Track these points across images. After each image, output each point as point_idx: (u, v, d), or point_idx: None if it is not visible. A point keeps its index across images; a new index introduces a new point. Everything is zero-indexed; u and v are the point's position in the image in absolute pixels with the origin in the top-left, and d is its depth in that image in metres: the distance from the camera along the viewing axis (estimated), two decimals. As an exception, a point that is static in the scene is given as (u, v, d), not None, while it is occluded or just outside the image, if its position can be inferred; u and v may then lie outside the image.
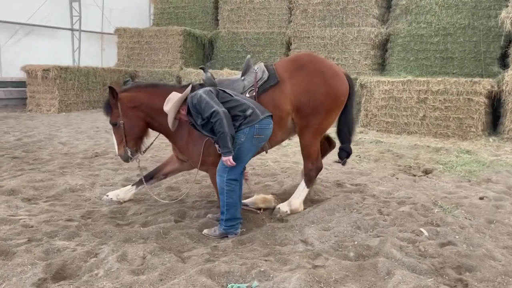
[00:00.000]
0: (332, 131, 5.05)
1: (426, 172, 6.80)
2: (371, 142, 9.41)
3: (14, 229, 3.87)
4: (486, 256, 3.54)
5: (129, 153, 4.40)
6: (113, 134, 4.50)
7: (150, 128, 4.54)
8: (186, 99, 3.90)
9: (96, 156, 7.28)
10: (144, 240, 3.78)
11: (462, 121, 10.00)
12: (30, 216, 4.24)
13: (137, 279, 3.02)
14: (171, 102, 3.91)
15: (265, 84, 4.37)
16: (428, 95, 10.30)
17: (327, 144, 5.13)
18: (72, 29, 16.89)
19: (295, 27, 14.03)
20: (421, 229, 4.10)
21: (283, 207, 4.57)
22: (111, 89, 4.30)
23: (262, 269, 3.18)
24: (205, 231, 3.99)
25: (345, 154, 4.88)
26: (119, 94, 4.36)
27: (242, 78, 4.46)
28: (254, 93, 4.33)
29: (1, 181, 5.47)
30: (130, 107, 4.34)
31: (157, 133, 4.61)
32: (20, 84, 14.29)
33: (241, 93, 4.33)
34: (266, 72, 4.41)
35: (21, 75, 14.03)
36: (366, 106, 11.11)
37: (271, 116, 4.02)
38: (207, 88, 3.86)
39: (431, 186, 5.94)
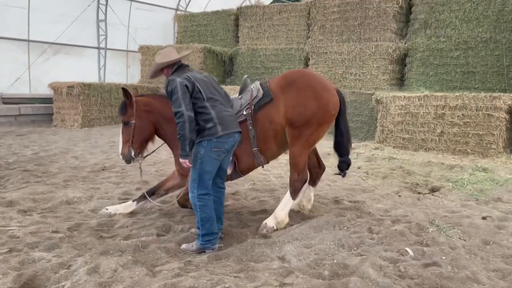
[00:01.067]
0: (323, 148, 4.96)
1: (433, 190, 6.55)
2: (383, 158, 9.17)
3: (0, 240, 3.98)
4: (470, 279, 3.35)
5: (132, 154, 4.63)
6: (121, 133, 4.73)
7: (157, 135, 4.82)
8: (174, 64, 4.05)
9: (103, 170, 7.44)
10: (121, 253, 3.80)
11: (481, 138, 9.60)
12: (20, 227, 4.36)
13: (100, 292, 3.03)
14: (163, 58, 4.06)
15: (260, 101, 4.55)
16: (446, 111, 9.97)
17: (318, 167, 5.10)
18: (98, 48, 17.53)
19: (313, 43, 14.01)
20: (407, 248, 3.93)
21: (269, 222, 4.51)
22: (124, 90, 4.62)
23: (227, 285, 3.13)
24: (183, 246, 3.98)
25: (345, 165, 4.90)
26: (137, 98, 4.71)
27: (239, 97, 4.65)
28: (250, 111, 4.49)
29: (4, 193, 5.66)
30: (145, 110, 4.64)
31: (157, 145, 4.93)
32: (47, 100, 14.89)
33: (239, 111, 4.48)
34: (261, 90, 4.58)
35: (48, 92, 14.62)
36: (382, 121, 10.86)
37: (238, 132, 4.06)
38: (185, 79, 3.81)
39: (434, 204, 5.71)
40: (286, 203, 4.61)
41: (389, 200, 5.83)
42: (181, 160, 3.83)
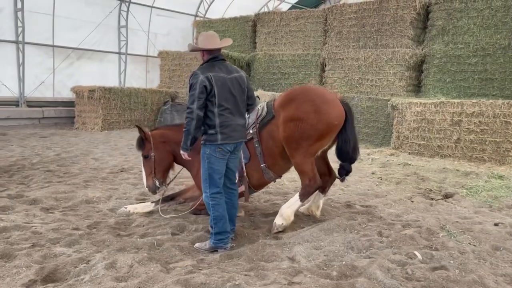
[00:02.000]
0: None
1: (446, 196, 6.55)
2: (398, 164, 9.18)
3: (24, 235, 4.19)
4: (477, 282, 3.39)
5: (157, 184, 4.99)
6: (143, 167, 5.08)
7: (175, 162, 5.17)
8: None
9: (122, 171, 7.67)
10: (137, 250, 3.96)
11: (499, 145, 9.51)
12: (42, 224, 4.57)
13: (116, 285, 3.20)
14: (204, 42, 4.10)
15: (264, 119, 4.81)
16: (462, 117, 9.92)
17: (328, 175, 5.19)
18: (119, 53, 17.97)
19: (329, 49, 14.10)
20: (415, 252, 3.99)
21: (277, 220, 4.61)
22: (139, 127, 5.06)
23: (237, 283, 3.25)
24: (197, 244, 4.12)
25: (344, 171, 4.92)
26: (153, 132, 5.16)
27: (248, 116, 4.80)
28: (255, 129, 4.78)
29: (28, 191, 5.92)
30: (161, 141, 5.05)
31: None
32: (70, 104, 15.35)
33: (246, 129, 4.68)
34: (265, 109, 4.85)
35: (71, 96, 15.06)
36: (398, 128, 10.86)
37: (240, 141, 4.22)
38: (207, 79, 3.90)
39: (446, 210, 5.72)
40: (293, 203, 4.70)
41: (401, 206, 5.87)
42: (181, 152, 4.10)
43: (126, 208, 5.21)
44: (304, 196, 4.70)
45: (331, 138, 4.75)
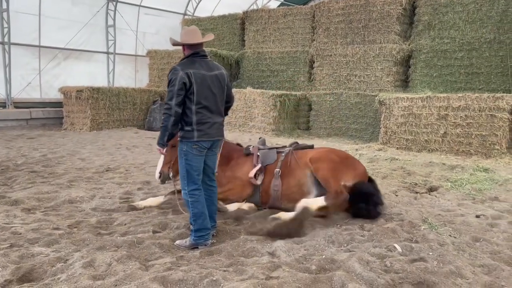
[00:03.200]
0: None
1: (431, 189, 6.58)
2: (386, 159, 9.20)
3: (2, 236, 4.15)
4: (454, 273, 3.42)
5: (170, 175, 4.88)
6: (164, 155, 4.65)
7: None
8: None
9: (107, 170, 7.62)
10: (117, 248, 3.93)
11: (485, 138, 9.58)
12: (22, 225, 4.53)
13: (93, 284, 3.17)
14: (185, 37, 4.09)
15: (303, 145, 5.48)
16: (448, 112, 9.98)
17: None
18: (107, 53, 17.84)
19: (318, 46, 14.12)
20: (395, 245, 4.01)
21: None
22: None
23: (214, 278, 3.24)
24: (177, 242, 4.10)
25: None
26: None
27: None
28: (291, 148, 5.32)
29: (11, 192, 5.86)
30: None
31: None
32: (58, 104, 15.21)
33: (282, 147, 5.43)
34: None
35: (59, 96, 14.93)
36: (386, 123, 10.90)
37: (217, 139, 4.22)
38: (186, 75, 3.87)
39: (430, 203, 5.75)
40: (319, 200, 4.71)
41: (386, 199, 5.84)
42: (157, 147, 4.11)
43: (139, 204, 5.27)
44: (329, 200, 4.70)
45: None
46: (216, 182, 4.50)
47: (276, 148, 5.42)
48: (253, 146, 5.35)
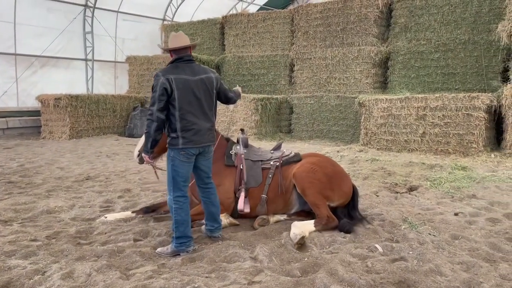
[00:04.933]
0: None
1: (411, 189, 6.68)
2: (366, 160, 9.31)
3: (-22, 249, 4.04)
4: (433, 271, 3.47)
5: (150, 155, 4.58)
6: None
7: None
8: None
9: (87, 179, 7.50)
10: (97, 258, 3.87)
11: (462, 137, 9.78)
12: (-1, 237, 4.41)
13: (72, 295, 3.11)
14: (171, 42, 4.08)
15: (290, 159, 5.07)
16: (427, 112, 10.16)
17: None
18: (86, 59, 17.61)
19: (297, 49, 14.21)
20: (376, 245, 4.05)
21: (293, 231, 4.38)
22: None
23: (196, 285, 3.22)
24: (159, 249, 4.06)
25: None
26: None
27: (272, 151, 5.19)
28: (278, 163, 4.96)
29: (-14, 204, 5.71)
30: None
31: None
32: (36, 113, 14.95)
33: (267, 160, 5.01)
34: (293, 152, 5.19)
35: (36, 105, 14.66)
36: (366, 124, 11.03)
37: (206, 144, 4.12)
38: (167, 81, 3.85)
39: (410, 203, 5.83)
40: (308, 224, 4.51)
41: (367, 200, 5.94)
42: (143, 154, 4.08)
43: (106, 217, 5.04)
44: (319, 225, 4.54)
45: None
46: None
47: (261, 161, 5.02)
48: (235, 152, 4.99)
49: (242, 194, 4.75)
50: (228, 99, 4.51)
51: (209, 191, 4.36)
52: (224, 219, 4.71)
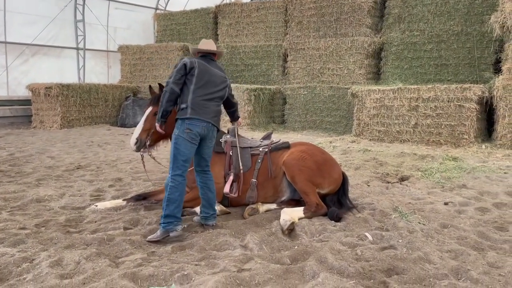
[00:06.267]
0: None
1: (402, 179, 6.71)
2: (359, 151, 9.33)
3: (-34, 237, 4.00)
4: (422, 259, 3.49)
5: (147, 143, 4.66)
6: (144, 122, 4.68)
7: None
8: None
9: (78, 168, 7.45)
10: (86, 246, 3.84)
11: (454, 128, 9.83)
12: (-13, 225, 4.37)
13: (60, 283, 3.09)
14: (200, 45, 4.50)
15: (278, 145, 5.15)
16: (419, 103, 10.18)
17: None
18: (77, 48, 17.40)
19: (291, 39, 14.14)
20: (366, 233, 4.07)
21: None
22: (160, 85, 4.61)
23: (185, 273, 3.21)
24: (149, 237, 4.05)
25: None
26: None
27: (261, 140, 5.31)
28: (267, 149, 5.04)
29: (-25, 193, 5.65)
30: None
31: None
32: (26, 102, 14.78)
33: (256, 146, 5.09)
34: (282, 140, 5.29)
35: (27, 94, 14.49)
36: (358, 115, 11.04)
37: (209, 122, 4.20)
38: (190, 61, 4.18)
39: (401, 192, 5.86)
40: (298, 210, 4.57)
41: (358, 190, 5.96)
42: (156, 124, 4.35)
43: (96, 206, 5.01)
44: (308, 212, 4.59)
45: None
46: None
47: (250, 147, 5.08)
48: (225, 140, 5.07)
49: (230, 178, 4.81)
50: (232, 105, 4.81)
51: (206, 177, 4.44)
52: (216, 207, 4.71)
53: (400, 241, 3.87)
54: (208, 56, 4.44)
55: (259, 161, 4.95)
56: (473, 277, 3.19)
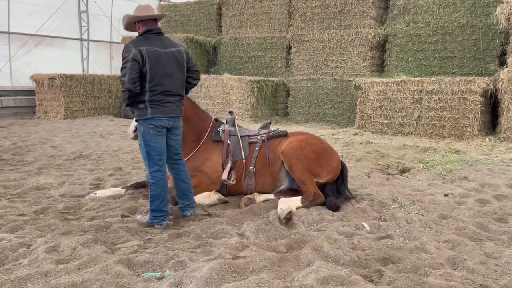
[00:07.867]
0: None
1: (403, 171, 6.67)
2: (361, 143, 9.29)
3: (-36, 223, 4.02)
4: (418, 249, 3.47)
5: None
6: None
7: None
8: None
9: (79, 157, 7.47)
10: (83, 233, 3.86)
11: (457, 121, 9.75)
12: (-14, 212, 4.39)
13: (55, 268, 3.10)
14: (138, 13, 4.05)
15: (276, 133, 5.13)
16: (422, 95, 10.10)
17: None
18: (81, 39, 17.42)
19: (294, 31, 14.03)
20: (364, 223, 4.04)
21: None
22: None
23: (180, 259, 3.21)
24: (138, 216, 4.14)
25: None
26: None
27: (259, 129, 5.28)
28: (264, 138, 5.03)
29: (-24, 180, 5.68)
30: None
31: None
32: (30, 92, 14.81)
33: (254, 135, 5.07)
34: (280, 129, 5.27)
35: (31, 84, 14.53)
36: (361, 107, 10.98)
37: (173, 116, 4.07)
38: (139, 53, 3.81)
39: (401, 184, 5.83)
40: (296, 200, 4.56)
41: (358, 181, 5.93)
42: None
43: (95, 194, 5.04)
44: (306, 201, 4.58)
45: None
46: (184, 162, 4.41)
47: (248, 136, 5.10)
48: (223, 129, 5.07)
49: (228, 166, 4.80)
50: (194, 75, 4.37)
51: (178, 168, 4.32)
52: (214, 195, 4.72)
53: (397, 231, 3.85)
54: (153, 29, 4.02)
55: (257, 149, 4.94)
56: (469, 267, 3.17)
